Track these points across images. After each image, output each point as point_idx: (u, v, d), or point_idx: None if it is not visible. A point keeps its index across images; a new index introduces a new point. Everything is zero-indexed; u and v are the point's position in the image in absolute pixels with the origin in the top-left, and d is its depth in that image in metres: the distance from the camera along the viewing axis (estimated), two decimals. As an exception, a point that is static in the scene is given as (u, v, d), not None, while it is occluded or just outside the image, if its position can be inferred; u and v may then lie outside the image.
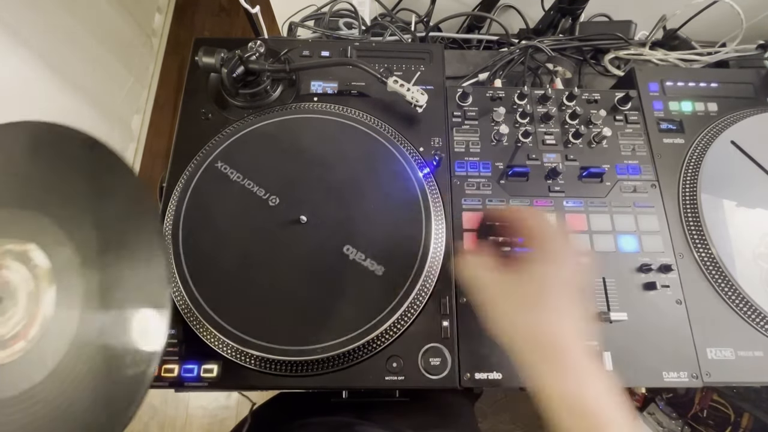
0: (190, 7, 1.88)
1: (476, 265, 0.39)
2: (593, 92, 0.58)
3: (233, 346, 0.43)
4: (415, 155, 0.53)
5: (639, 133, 0.56)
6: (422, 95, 0.51)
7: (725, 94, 0.59)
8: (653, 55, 0.71)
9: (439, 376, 0.44)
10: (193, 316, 0.44)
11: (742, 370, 0.45)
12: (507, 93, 0.58)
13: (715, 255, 0.48)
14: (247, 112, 0.55)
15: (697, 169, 0.53)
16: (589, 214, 0.52)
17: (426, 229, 0.48)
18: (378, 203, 0.49)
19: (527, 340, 0.34)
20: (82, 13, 1.22)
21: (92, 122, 1.26)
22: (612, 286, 0.48)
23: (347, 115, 0.54)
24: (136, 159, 1.58)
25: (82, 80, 1.21)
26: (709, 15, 0.69)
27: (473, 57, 0.74)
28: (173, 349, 0.44)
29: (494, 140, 0.55)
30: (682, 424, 1.00)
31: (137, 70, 1.54)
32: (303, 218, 0.47)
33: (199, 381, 0.43)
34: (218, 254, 0.46)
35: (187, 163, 0.51)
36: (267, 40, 0.57)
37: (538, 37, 0.74)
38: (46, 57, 1.06)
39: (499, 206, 0.51)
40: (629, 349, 0.46)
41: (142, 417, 1.31)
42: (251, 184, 0.49)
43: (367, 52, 0.60)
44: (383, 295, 0.44)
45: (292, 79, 0.57)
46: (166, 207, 0.49)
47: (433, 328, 0.46)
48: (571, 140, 0.55)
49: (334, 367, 0.44)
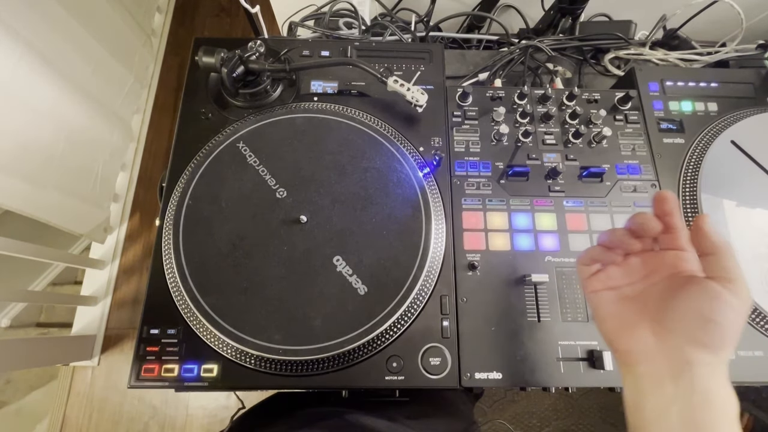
0: (190, 7, 1.88)
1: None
2: (593, 92, 0.58)
3: (233, 346, 0.43)
4: (415, 155, 0.53)
5: (639, 132, 0.56)
6: (422, 95, 0.51)
7: (725, 94, 0.59)
8: (653, 54, 0.71)
9: (439, 376, 0.44)
10: (193, 316, 0.44)
11: (742, 370, 0.46)
12: (507, 93, 0.58)
13: (715, 255, 0.48)
14: (247, 111, 0.55)
15: (697, 169, 0.53)
16: (589, 214, 0.52)
17: (426, 228, 0.48)
18: (381, 216, 0.49)
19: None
20: (82, 13, 1.22)
21: (92, 122, 1.26)
22: (612, 286, 0.48)
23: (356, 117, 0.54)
24: (136, 159, 1.58)
25: (82, 80, 1.21)
26: (709, 15, 0.69)
27: (473, 57, 0.74)
28: (173, 349, 0.44)
29: (494, 140, 0.55)
30: (682, 424, 1.00)
31: (137, 70, 1.54)
32: (303, 218, 0.47)
33: (199, 381, 0.43)
34: (218, 242, 0.46)
35: (187, 163, 0.51)
36: (267, 40, 0.57)
37: (538, 36, 0.74)
38: (47, 57, 1.06)
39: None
40: (629, 349, 0.46)
41: (142, 417, 1.31)
42: (265, 172, 0.50)
43: (367, 52, 0.60)
44: (363, 313, 0.44)
45: (292, 78, 0.57)
46: (167, 206, 0.49)
47: (433, 328, 0.46)
48: (571, 140, 0.55)
49: (334, 367, 0.44)
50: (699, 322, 0.30)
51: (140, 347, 0.44)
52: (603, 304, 0.36)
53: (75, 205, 1.25)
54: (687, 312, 0.31)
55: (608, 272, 0.36)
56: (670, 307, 0.32)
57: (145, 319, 0.45)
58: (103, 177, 1.35)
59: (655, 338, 0.32)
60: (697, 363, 0.30)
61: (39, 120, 1.06)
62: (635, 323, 0.33)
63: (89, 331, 1.37)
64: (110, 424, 1.31)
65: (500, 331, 0.46)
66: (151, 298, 0.46)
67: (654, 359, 0.31)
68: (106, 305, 1.41)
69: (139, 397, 1.33)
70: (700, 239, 0.33)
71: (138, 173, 1.57)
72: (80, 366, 1.35)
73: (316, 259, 0.46)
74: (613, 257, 0.36)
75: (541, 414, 1.25)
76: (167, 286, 0.46)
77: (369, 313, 0.44)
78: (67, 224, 1.22)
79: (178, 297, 0.45)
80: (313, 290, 0.45)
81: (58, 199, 1.16)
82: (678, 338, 0.31)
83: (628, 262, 0.36)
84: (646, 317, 0.33)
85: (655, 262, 0.35)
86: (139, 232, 1.50)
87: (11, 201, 1.02)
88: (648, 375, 0.32)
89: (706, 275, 0.32)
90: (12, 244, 1.02)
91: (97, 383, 1.34)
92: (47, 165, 1.10)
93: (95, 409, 1.32)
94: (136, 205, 1.54)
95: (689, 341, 0.30)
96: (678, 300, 0.32)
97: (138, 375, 0.43)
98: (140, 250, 1.48)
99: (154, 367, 0.43)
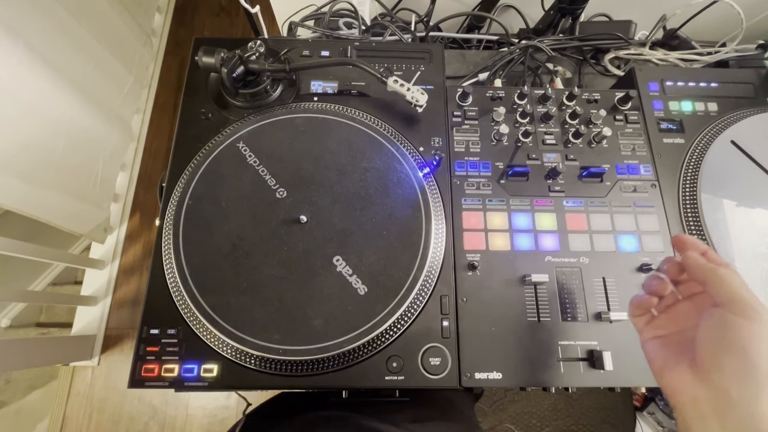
0: (190, 7, 1.88)
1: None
2: (593, 92, 0.58)
3: (233, 346, 0.43)
4: (415, 155, 0.53)
5: (639, 132, 0.56)
6: (422, 95, 0.51)
7: (725, 94, 0.59)
8: (653, 54, 0.71)
9: (439, 376, 0.44)
10: (193, 316, 0.44)
11: (742, 369, 0.45)
12: (507, 93, 0.58)
13: (715, 255, 0.48)
14: (247, 111, 0.55)
15: (697, 169, 0.53)
16: (589, 214, 0.52)
17: (426, 228, 0.48)
18: (381, 216, 0.49)
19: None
20: (82, 13, 1.22)
21: (92, 122, 1.26)
22: (612, 286, 0.48)
23: (356, 117, 0.54)
24: (136, 159, 1.58)
25: (82, 80, 1.21)
26: (709, 15, 0.69)
27: (473, 57, 0.74)
28: (173, 349, 0.44)
29: (494, 140, 0.55)
30: (682, 424, 1.00)
31: (137, 70, 1.54)
32: (303, 218, 0.47)
33: (199, 381, 0.43)
34: (218, 242, 0.46)
35: (187, 163, 0.51)
36: (267, 40, 0.57)
37: (538, 37, 0.74)
38: (47, 57, 1.06)
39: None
40: (629, 349, 0.46)
41: (142, 417, 1.31)
42: (265, 172, 0.50)
43: (367, 52, 0.60)
44: (363, 313, 0.44)
45: (292, 78, 0.57)
46: (167, 206, 0.49)
47: (433, 328, 0.46)
48: (571, 140, 0.55)
49: (334, 367, 0.44)
50: (720, 355, 0.30)
51: (140, 347, 0.44)
52: (650, 349, 0.36)
53: (75, 205, 1.25)
54: (708, 347, 0.31)
55: (657, 322, 0.37)
56: (697, 345, 0.32)
57: (145, 319, 0.45)
58: (103, 177, 1.35)
59: (694, 377, 0.31)
60: (739, 400, 0.28)
61: (39, 120, 1.06)
62: (677, 364, 0.33)
63: (89, 331, 1.37)
64: (110, 424, 1.31)
65: (500, 331, 0.46)
66: (151, 298, 0.46)
67: (697, 399, 0.31)
68: (106, 305, 1.41)
69: (139, 397, 1.33)
70: (689, 273, 0.34)
71: (138, 173, 1.57)
72: (80, 366, 1.35)
73: (316, 259, 0.46)
74: (662, 302, 0.37)
75: (541, 414, 1.25)
76: (167, 286, 0.46)
77: (369, 313, 0.44)
78: (67, 224, 1.22)
79: (178, 297, 0.45)
80: (313, 290, 0.45)
81: (58, 199, 1.16)
82: (714, 375, 0.30)
83: (675, 307, 0.37)
84: (686, 358, 0.33)
85: (697, 305, 0.35)
86: (139, 232, 1.50)
87: (11, 201, 1.02)
88: (694, 416, 0.31)
89: (713, 304, 0.32)
90: (12, 244, 1.02)
91: (97, 383, 1.34)
92: (47, 165, 1.10)
93: (95, 409, 1.32)
94: (136, 205, 1.54)
95: (725, 377, 0.29)
96: (699, 337, 0.32)
97: (138, 375, 0.43)
98: (140, 250, 1.48)
99: (154, 367, 0.43)
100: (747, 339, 0.29)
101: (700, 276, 0.33)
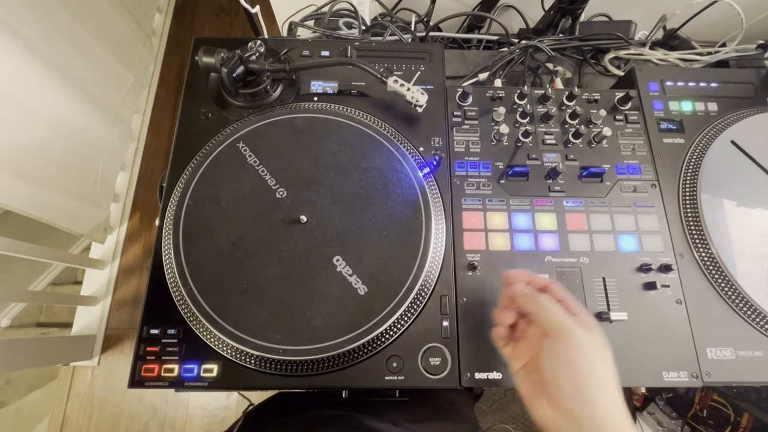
0: (190, 7, 1.88)
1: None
2: (593, 92, 0.58)
3: (233, 346, 0.43)
4: (415, 155, 0.53)
5: (639, 132, 0.56)
6: (422, 95, 0.51)
7: (725, 94, 0.59)
8: (653, 54, 0.71)
9: (439, 376, 0.44)
10: (193, 316, 0.44)
11: (742, 369, 0.46)
12: (507, 93, 0.58)
13: (715, 255, 0.48)
14: (247, 111, 0.55)
15: (697, 169, 0.53)
16: (589, 214, 0.52)
17: (426, 228, 0.48)
18: (381, 216, 0.49)
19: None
20: (82, 13, 1.22)
21: (92, 122, 1.26)
22: (612, 286, 0.48)
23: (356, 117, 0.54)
24: (136, 159, 1.58)
25: (82, 80, 1.21)
26: (709, 15, 0.69)
27: (473, 57, 0.74)
28: (173, 349, 0.44)
29: (494, 140, 0.55)
30: (681, 424, 1.00)
31: (137, 70, 1.54)
32: (303, 218, 0.47)
33: (199, 381, 0.43)
34: (218, 242, 0.46)
35: (187, 163, 0.51)
36: (267, 40, 0.57)
37: (538, 36, 0.74)
38: (47, 57, 1.06)
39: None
40: (629, 349, 0.46)
41: (142, 417, 1.31)
42: (265, 172, 0.50)
43: (367, 52, 0.60)
44: (363, 313, 0.44)
45: (292, 78, 0.57)
46: (167, 206, 0.49)
47: (433, 328, 0.46)
48: (571, 140, 0.55)
49: (334, 367, 0.44)
50: (558, 378, 0.33)
51: (140, 347, 0.44)
52: (518, 381, 0.38)
53: (75, 205, 1.25)
54: (549, 373, 0.34)
55: (519, 350, 0.39)
56: (543, 373, 0.35)
57: (145, 319, 0.45)
58: (103, 177, 1.35)
59: (551, 408, 0.33)
60: (582, 418, 0.31)
61: (39, 120, 1.06)
62: (538, 397, 0.35)
63: (89, 331, 1.37)
64: (110, 424, 1.31)
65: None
66: (151, 298, 0.46)
67: (560, 429, 0.33)
68: (106, 305, 1.41)
69: (139, 397, 1.33)
70: (518, 306, 0.39)
71: (138, 173, 1.57)
72: (80, 366, 1.35)
73: (316, 259, 0.46)
74: (519, 328, 0.40)
75: (541, 414, 1.25)
76: (167, 286, 0.46)
77: (369, 313, 0.44)
78: (67, 224, 1.22)
79: (178, 297, 0.45)
80: (313, 290, 0.45)
81: (58, 199, 1.16)
82: (560, 399, 0.33)
83: (528, 332, 0.39)
84: (544, 390, 0.35)
85: (539, 329, 0.37)
86: (139, 232, 1.50)
87: (11, 201, 1.02)
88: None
89: (542, 333, 0.36)
90: (12, 244, 1.02)
91: (97, 383, 1.34)
92: (47, 165, 1.10)
93: (95, 409, 1.32)
94: (136, 205, 1.54)
95: (566, 399, 0.32)
96: (541, 366, 0.35)
97: (138, 375, 0.43)
98: (140, 250, 1.48)
99: (154, 367, 0.43)
100: (571, 360, 0.33)
101: (526, 309, 0.38)
